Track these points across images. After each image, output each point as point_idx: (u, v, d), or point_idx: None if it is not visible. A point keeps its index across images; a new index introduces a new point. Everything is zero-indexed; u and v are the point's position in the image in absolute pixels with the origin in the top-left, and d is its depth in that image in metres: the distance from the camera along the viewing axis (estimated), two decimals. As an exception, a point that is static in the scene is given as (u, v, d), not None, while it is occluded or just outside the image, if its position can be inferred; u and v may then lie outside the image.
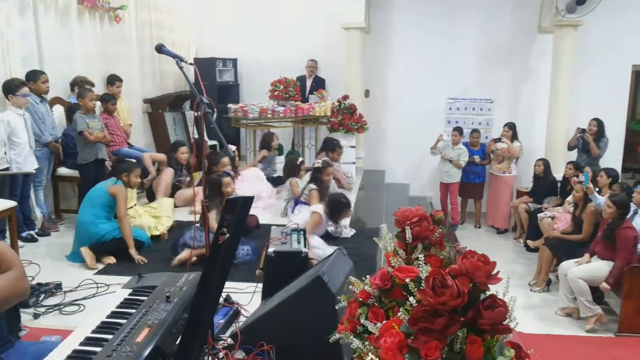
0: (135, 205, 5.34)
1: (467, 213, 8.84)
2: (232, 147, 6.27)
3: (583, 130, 7.56)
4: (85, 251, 4.57)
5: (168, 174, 6.10)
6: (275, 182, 6.94)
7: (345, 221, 5.16)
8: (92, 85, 6.07)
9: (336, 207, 4.74)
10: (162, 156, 6.35)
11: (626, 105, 8.76)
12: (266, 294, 3.32)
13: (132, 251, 4.59)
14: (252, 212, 5.35)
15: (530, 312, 5.48)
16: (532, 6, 8.50)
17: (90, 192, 4.80)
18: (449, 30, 8.75)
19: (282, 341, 2.64)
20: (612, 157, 8.19)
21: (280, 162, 7.61)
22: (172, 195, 6.03)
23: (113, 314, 2.01)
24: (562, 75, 7.88)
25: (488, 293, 1.52)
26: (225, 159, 6.01)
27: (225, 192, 4.72)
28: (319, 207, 4.81)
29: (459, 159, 8.17)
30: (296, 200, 5.80)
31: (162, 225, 5.26)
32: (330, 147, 7.00)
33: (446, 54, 8.79)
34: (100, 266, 4.51)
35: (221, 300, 3.44)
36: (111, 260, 4.58)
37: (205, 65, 8.63)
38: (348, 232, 5.16)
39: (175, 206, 5.82)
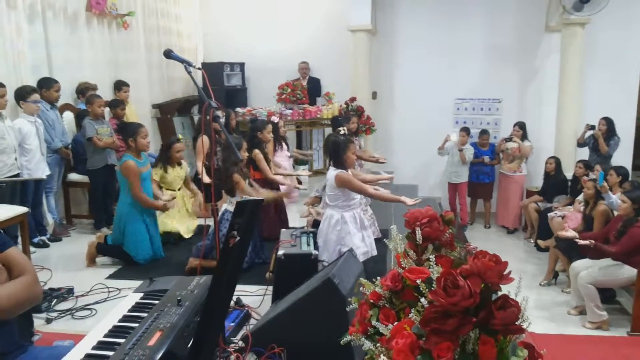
0: (180, 189, 5.39)
1: (476, 213, 8.80)
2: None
3: (592, 127, 7.52)
4: (91, 247, 4.66)
5: None
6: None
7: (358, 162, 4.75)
8: (95, 88, 6.11)
9: (335, 149, 4.00)
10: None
11: (635, 103, 8.67)
12: (276, 297, 3.33)
13: (161, 204, 4.76)
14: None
15: (542, 312, 5.44)
16: (539, 5, 8.45)
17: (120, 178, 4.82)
18: (456, 31, 8.72)
19: (293, 343, 2.64)
20: (622, 155, 8.11)
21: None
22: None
23: (125, 318, 2.03)
24: (570, 73, 7.83)
25: (500, 293, 1.51)
26: (269, 126, 5.70)
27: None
28: (333, 170, 3.99)
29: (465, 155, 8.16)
30: None
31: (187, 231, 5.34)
32: (338, 125, 6.71)
33: (453, 54, 8.77)
34: (108, 268, 4.56)
35: (232, 303, 3.46)
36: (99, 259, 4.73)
37: (213, 70, 8.65)
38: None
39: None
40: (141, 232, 4.67)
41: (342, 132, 5.42)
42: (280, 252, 3.45)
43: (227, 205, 4.39)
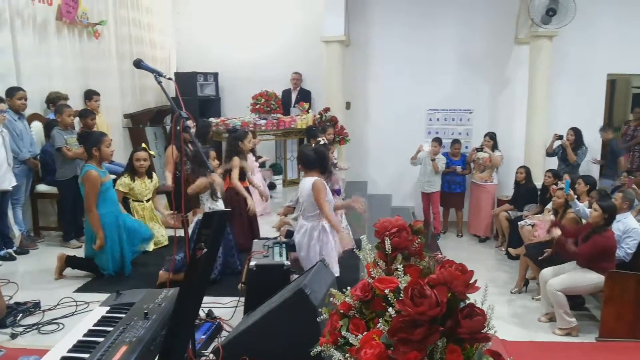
0: (148, 201, 5.32)
1: (449, 222, 8.90)
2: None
3: (560, 137, 7.69)
4: (60, 260, 4.56)
5: None
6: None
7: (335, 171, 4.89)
8: (66, 98, 6.01)
9: (323, 158, 4.11)
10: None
11: (602, 114, 8.92)
12: (249, 308, 3.30)
13: (99, 242, 4.44)
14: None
15: (513, 319, 5.51)
16: (508, 18, 8.65)
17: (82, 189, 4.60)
18: (428, 42, 8.85)
19: (265, 355, 2.62)
20: (590, 164, 8.34)
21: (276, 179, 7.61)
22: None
23: (90, 332, 1.98)
24: (539, 85, 8.01)
25: (467, 302, 1.53)
26: (249, 136, 5.69)
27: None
28: (312, 177, 4.03)
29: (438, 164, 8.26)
30: None
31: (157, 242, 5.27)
32: (313, 135, 6.65)
33: (425, 65, 8.89)
34: (76, 282, 4.46)
35: (203, 315, 3.42)
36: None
37: (186, 80, 8.63)
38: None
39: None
40: (114, 244, 4.55)
41: (322, 143, 5.48)
42: (253, 263, 3.43)
43: (200, 217, 4.33)
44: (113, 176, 4.94)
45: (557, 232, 5.26)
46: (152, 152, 5.72)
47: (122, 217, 4.70)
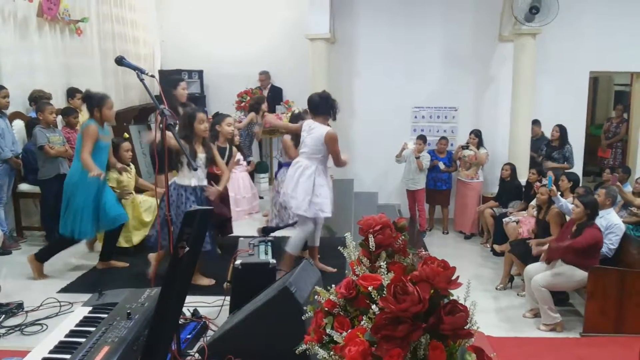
0: (131, 194, 5.24)
1: (435, 219, 8.93)
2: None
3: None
4: (32, 261, 4.55)
5: None
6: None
7: None
8: (50, 98, 5.94)
9: (325, 103, 4.66)
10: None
11: (585, 111, 9.01)
12: (234, 307, 3.29)
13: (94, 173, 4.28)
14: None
15: (498, 316, 5.55)
16: (492, 16, 8.69)
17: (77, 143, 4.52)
18: (413, 40, 8.87)
19: (250, 354, 2.61)
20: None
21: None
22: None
23: (72, 333, 1.96)
24: (523, 82, 8.05)
25: (451, 298, 1.53)
26: (228, 119, 5.27)
27: (198, 128, 4.32)
28: (324, 125, 4.56)
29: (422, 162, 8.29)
30: (280, 164, 5.63)
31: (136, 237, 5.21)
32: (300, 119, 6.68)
33: (410, 63, 8.91)
34: (59, 282, 4.41)
35: (189, 314, 3.40)
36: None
37: (171, 77, 8.52)
38: None
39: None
40: (87, 205, 4.43)
41: None
42: (238, 261, 3.41)
43: (176, 179, 4.21)
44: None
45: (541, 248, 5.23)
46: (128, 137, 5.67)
47: (102, 189, 4.60)
